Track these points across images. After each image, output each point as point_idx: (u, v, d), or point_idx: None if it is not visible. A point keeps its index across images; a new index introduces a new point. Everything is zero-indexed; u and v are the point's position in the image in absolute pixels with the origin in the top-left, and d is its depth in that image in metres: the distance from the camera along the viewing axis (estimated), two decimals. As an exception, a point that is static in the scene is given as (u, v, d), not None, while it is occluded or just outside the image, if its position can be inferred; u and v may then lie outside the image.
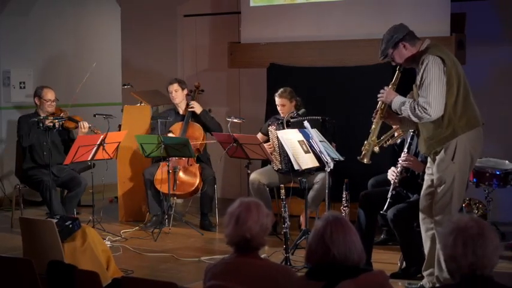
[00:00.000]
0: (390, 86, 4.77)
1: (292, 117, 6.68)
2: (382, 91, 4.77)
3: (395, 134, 5.59)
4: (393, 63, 4.77)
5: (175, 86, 7.19)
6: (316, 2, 7.37)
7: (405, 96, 4.73)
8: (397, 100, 4.66)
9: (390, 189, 5.36)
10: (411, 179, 5.41)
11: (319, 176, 6.44)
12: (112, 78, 9.40)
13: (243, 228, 3.04)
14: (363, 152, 4.92)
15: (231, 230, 3.08)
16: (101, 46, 9.86)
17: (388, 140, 5.58)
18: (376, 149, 5.35)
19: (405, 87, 4.92)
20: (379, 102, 4.83)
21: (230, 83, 8.62)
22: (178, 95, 7.20)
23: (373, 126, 4.89)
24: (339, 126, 6.90)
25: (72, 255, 4.78)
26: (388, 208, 5.31)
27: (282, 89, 6.77)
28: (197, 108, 7.17)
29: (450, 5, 6.63)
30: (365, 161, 4.93)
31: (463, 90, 4.56)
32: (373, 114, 4.89)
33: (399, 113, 4.70)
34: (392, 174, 5.42)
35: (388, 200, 5.32)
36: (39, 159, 7.09)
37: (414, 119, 4.57)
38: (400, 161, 5.38)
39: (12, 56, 8.89)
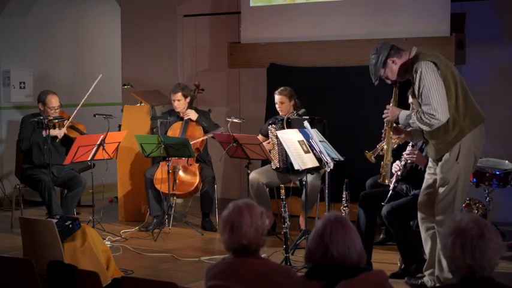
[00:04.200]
0: (392, 104, 4.78)
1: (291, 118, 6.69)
2: (385, 111, 4.78)
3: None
4: (388, 82, 4.77)
5: (179, 96, 7.10)
6: (316, 2, 7.37)
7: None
8: (402, 116, 4.67)
9: (393, 181, 5.38)
10: (415, 173, 5.41)
11: (307, 179, 6.37)
12: (112, 78, 9.40)
13: (239, 235, 3.02)
14: (382, 174, 4.94)
15: (227, 237, 3.06)
16: (101, 46, 9.87)
17: (383, 148, 5.56)
18: (373, 159, 5.38)
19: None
20: (385, 122, 4.84)
21: (230, 83, 8.62)
22: (180, 104, 7.13)
23: (385, 146, 4.93)
24: (339, 126, 6.91)
25: (72, 255, 4.78)
26: (389, 200, 5.32)
27: (282, 87, 6.78)
28: (193, 115, 7.15)
29: (450, 5, 6.63)
30: (386, 182, 4.97)
31: (461, 89, 4.57)
32: (382, 136, 4.92)
33: (409, 127, 4.70)
34: (396, 167, 5.44)
35: (390, 192, 5.34)
36: (39, 160, 7.07)
37: (425, 128, 4.56)
38: (404, 155, 5.40)
39: (12, 56, 8.90)
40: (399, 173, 5.43)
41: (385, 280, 2.77)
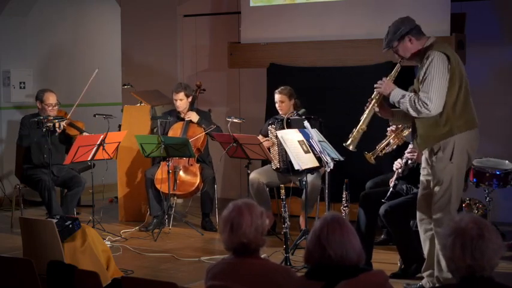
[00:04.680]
0: (388, 78, 4.74)
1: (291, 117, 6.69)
2: (380, 82, 4.74)
3: (391, 142, 5.56)
4: (396, 56, 4.74)
5: (181, 95, 7.10)
6: (316, 2, 7.37)
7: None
8: (396, 93, 4.63)
9: (393, 179, 5.38)
10: (416, 172, 5.41)
11: (308, 179, 6.38)
12: (112, 78, 9.40)
13: (239, 234, 3.02)
14: (350, 139, 4.84)
15: (226, 237, 3.06)
16: (101, 46, 9.87)
17: (384, 148, 5.55)
18: (372, 160, 5.38)
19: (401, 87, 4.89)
20: (375, 92, 4.78)
21: (230, 83, 8.62)
22: (182, 104, 7.13)
23: (365, 115, 4.82)
24: (339, 126, 6.90)
25: (72, 255, 4.78)
26: (389, 198, 5.32)
27: (282, 87, 6.79)
28: (194, 117, 7.14)
29: (450, 5, 6.63)
30: (351, 148, 4.86)
31: (464, 90, 4.56)
32: (366, 105, 4.83)
33: (396, 106, 4.67)
34: (397, 165, 5.44)
35: (391, 189, 5.34)
36: (39, 160, 7.07)
37: (413, 113, 4.54)
38: (405, 153, 5.40)
39: (12, 56, 8.90)
40: (400, 170, 5.43)
41: (385, 280, 2.77)
